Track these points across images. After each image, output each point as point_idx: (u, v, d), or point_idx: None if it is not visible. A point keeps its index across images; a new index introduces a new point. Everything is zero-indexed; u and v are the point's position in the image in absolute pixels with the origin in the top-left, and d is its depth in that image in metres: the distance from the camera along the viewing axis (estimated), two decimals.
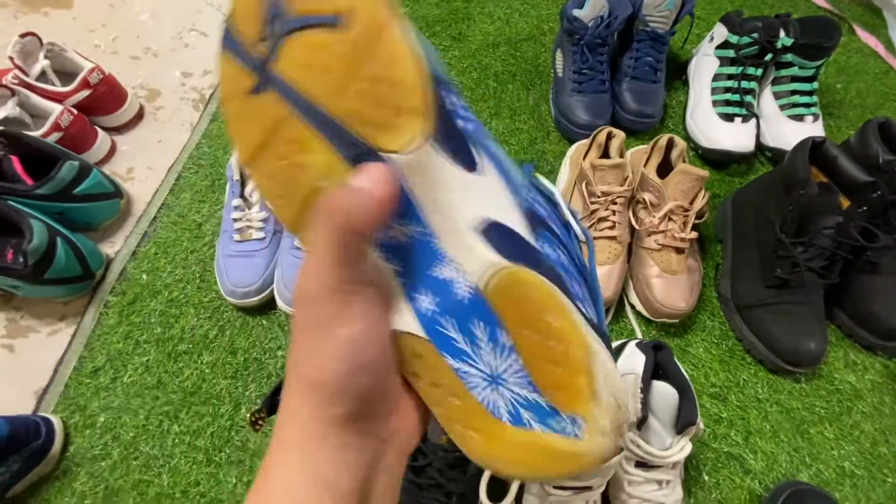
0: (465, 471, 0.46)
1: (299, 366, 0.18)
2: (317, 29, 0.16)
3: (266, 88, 0.18)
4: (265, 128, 0.18)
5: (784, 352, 0.60)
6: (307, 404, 0.18)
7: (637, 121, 0.77)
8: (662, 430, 0.50)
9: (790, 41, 0.72)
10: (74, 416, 0.57)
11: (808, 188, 0.56)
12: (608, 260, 0.62)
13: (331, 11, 0.16)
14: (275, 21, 0.17)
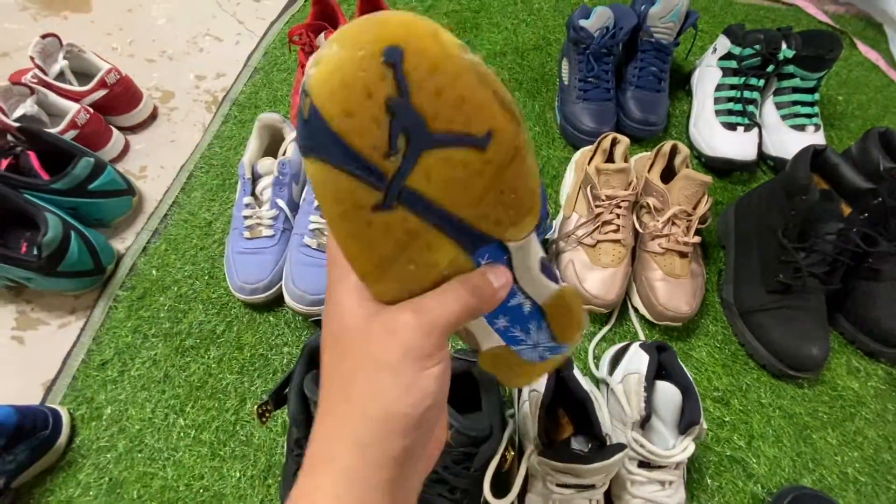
0: (470, 467, 0.47)
1: (371, 395, 0.19)
2: (460, 147, 0.17)
3: (396, 203, 0.18)
4: (396, 241, 0.18)
5: (786, 356, 0.60)
6: (372, 433, 0.19)
7: (641, 128, 0.79)
8: (665, 430, 0.50)
9: (792, 53, 0.73)
10: (81, 407, 0.57)
11: (810, 194, 0.57)
12: (612, 263, 0.63)
13: (477, 132, 0.16)
14: (409, 136, 0.16)
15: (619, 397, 0.52)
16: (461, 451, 0.46)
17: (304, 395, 0.46)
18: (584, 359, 0.63)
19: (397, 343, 0.19)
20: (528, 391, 0.53)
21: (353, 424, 0.19)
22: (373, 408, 0.19)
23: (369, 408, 0.19)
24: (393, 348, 0.19)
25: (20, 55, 0.85)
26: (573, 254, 0.65)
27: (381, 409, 0.19)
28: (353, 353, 0.20)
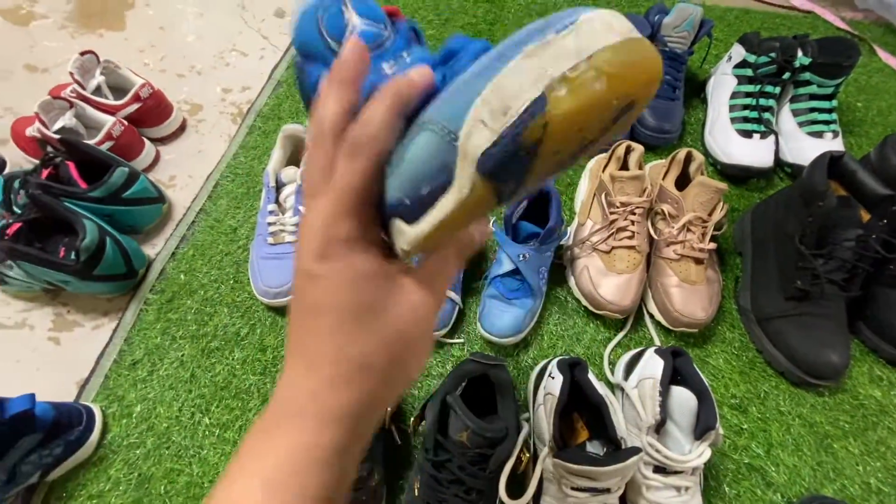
0: (486, 468, 0.47)
1: (346, 348, 0.20)
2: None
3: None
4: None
5: (805, 363, 0.59)
6: (350, 385, 0.20)
7: (656, 136, 0.79)
8: (681, 435, 0.50)
9: (808, 60, 0.73)
10: (112, 405, 0.60)
11: (827, 200, 0.57)
12: (627, 269, 0.64)
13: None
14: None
15: (635, 402, 0.52)
16: (477, 453, 0.47)
17: None
18: (599, 364, 0.63)
19: (315, 241, 0.20)
20: (543, 394, 0.54)
21: (314, 370, 0.21)
22: (326, 359, 0.21)
23: (315, 355, 0.21)
24: (339, 293, 0.20)
25: (59, 71, 0.90)
26: (588, 260, 0.65)
27: (342, 360, 0.20)
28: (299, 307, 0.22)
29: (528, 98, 0.15)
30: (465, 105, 0.17)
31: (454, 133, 0.17)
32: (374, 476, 0.51)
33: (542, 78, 0.15)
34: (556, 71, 0.15)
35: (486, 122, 0.16)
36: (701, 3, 1.02)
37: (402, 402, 0.60)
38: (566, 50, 0.15)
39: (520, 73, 0.15)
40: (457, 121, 0.17)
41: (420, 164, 0.19)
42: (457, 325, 0.65)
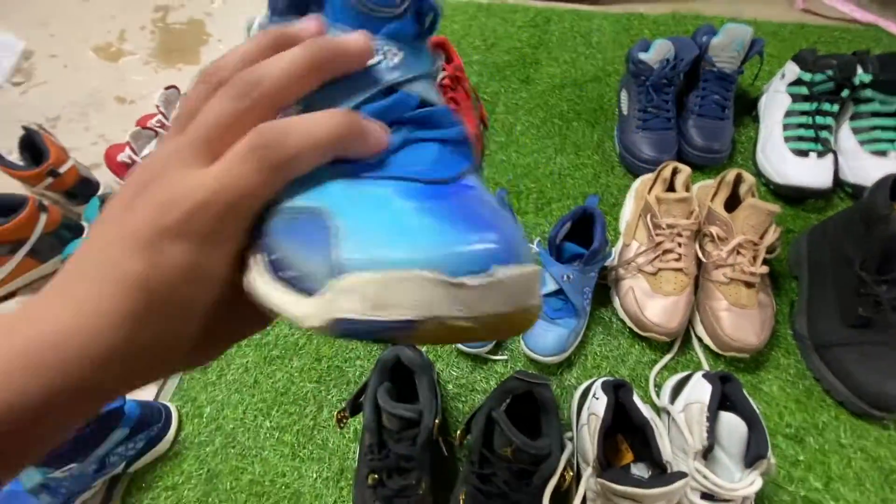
0: (529, 483, 0.49)
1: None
2: None
3: None
4: None
5: (868, 394, 0.57)
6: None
7: (704, 156, 0.79)
8: (731, 462, 0.50)
9: (869, 77, 0.71)
10: (186, 405, 0.66)
11: (890, 224, 0.55)
12: (674, 291, 0.64)
13: None
14: None
15: (681, 426, 0.52)
16: (521, 468, 0.49)
17: (377, 404, 0.51)
18: (644, 386, 0.63)
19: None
20: (587, 415, 0.55)
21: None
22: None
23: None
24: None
25: (145, 102, 1.01)
26: (633, 281, 0.66)
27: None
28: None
29: (403, 315, 0.14)
30: (368, 243, 0.14)
31: (341, 261, 0.14)
32: (421, 485, 0.53)
33: (425, 307, 0.14)
34: (442, 311, 0.14)
35: (360, 298, 0.14)
36: (752, 21, 1.01)
37: (447, 415, 0.62)
38: (461, 301, 0.14)
39: (415, 285, 0.14)
40: (349, 250, 0.14)
41: (300, 238, 0.16)
42: (500, 342, 0.67)
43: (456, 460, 0.60)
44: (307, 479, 0.59)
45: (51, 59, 1.09)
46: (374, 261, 0.14)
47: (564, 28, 1.03)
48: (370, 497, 0.53)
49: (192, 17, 1.17)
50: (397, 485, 0.52)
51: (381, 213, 0.15)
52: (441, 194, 0.16)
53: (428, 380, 0.54)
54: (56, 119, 0.99)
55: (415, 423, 0.51)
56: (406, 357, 0.55)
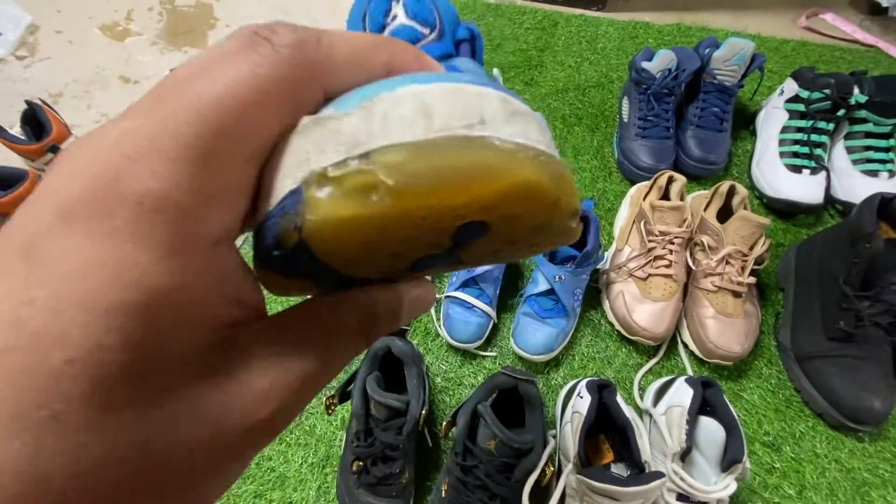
0: (510, 477, 0.50)
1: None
2: None
3: None
4: None
5: (845, 407, 0.58)
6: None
7: (700, 167, 0.80)
8: (707, 466, 0.51)
9: (864, 98, 0.72)
10: None
11: (874, 242, 0.56)
12: (662, 297, 0.65)
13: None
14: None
15: (662, 428, 0.53)
16: (503, 461, 0.50)
17: (366, 392, 0.52)
18: (628, 389, 0.64)
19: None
20: (571, 413, 0.56)
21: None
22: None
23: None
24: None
25: (149, 83, 1.01)
26: (623, 285, 0.67)
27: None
28: None
29: (286, 187, 0.11)
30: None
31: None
32: (405, 474, 0.54)
33: (301, 166, 0.11)
34: (317, 163, 0.10)
35: (262, 198, 0.11)
36: (755, 36, 1.02)
37: (434, 408, 0.63)
38: (337, 136, 0.10)
39: (293, 150, 0.11)
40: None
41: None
42: (490, 339, 0.68)
43: (440, 452, 0.61)
44: (293, 463, 0.60)
45: (56, 35, 1.09)
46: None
47: (571, 32, 1.04)
48: (354, 483, 0.54)
49: (201, 1, 1.17)
50: (381, 472, 0.53)
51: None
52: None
53: (417, 371, 0.55)
54: (59, 95, 0.99)
55: (402, 413, 0.52)
56: (397, 348, 0.55)
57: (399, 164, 0.10)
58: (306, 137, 0.11)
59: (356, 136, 0.10)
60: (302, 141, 0.11)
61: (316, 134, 0.11)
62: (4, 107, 0.93)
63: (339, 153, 0.10)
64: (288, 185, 0.11)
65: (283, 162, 0.11)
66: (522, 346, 0.64)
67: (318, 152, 0.10)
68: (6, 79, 1.01)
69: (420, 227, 0.10)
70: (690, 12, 1.08)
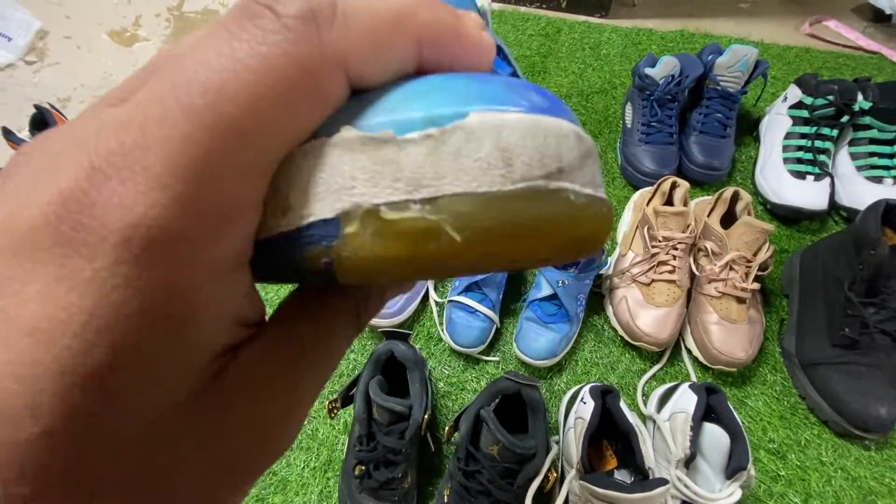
0: (513, 482, 0.50)
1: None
2: None
3: None
4: None
5: (851, 414, 0.58)
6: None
7: (704, 173, 0.80)
8: (711, 473, 0.51)
9: (868, 105, 0.72)
10: None
11: (879, 249, 0.56)
12: (666, 303, 0.65)
13: None
14: None
15: (665, 435, 0.53)
16: (506, 467, 0.50)
17: (368, 397, 0.52)
18: (632, 394, 0.64)
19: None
20: (574, 418, 0.56)
21: None
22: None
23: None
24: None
25: None
26: (627, 290, 0.67)
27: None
28: None
29: (316, 212, 0.09)
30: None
31: None
32: (407, 478, 0.54)
33: (342, 193, 0.09)
34: (366, 196, 0.09)
35: (272, 207, 0.10)
36: (758, 43, 1.02)
37: (437, 412, 0.63)
38: (395, 167, 0.09)
39: (327, 166, 0.09)
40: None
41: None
42: (493, 344, 0.68)
43: (443, 457, 0.61)
44: (295, 467, 0.60)
45: (65, 41, 1.11)
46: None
47: (574, 39, 1.05)
48: (356, 488, 0.54)
49: (208, 7, 1.19)
50: (383, 477, 0.53)
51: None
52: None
53: (420, 375, 0.55)
54: (67, 100, 1.00)
55: (404, 417, 0.52)
56: (399, 352, 0.56)
57: (471, 217, 0.09)
58: (349, 156, 0.09)
59: (422, 173, 0.09)
60: (342, 159, 0.09)
61: (364, 156, 0.09)
62: (14, 111, 0.95)
63: (398, 191, 0.09)
64: (319, 210, 0.09)
65: (312, 177, 0.09)
66: (525, 351, 0.64)
67: (368, 182, 0.09)
68: (16, 83, 1.02)
69: (467, 266, 0.09)
70: (694, 19, 1.09)
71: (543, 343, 0.63)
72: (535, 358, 0.63)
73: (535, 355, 0.63)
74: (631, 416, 0.54)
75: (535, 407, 0.53)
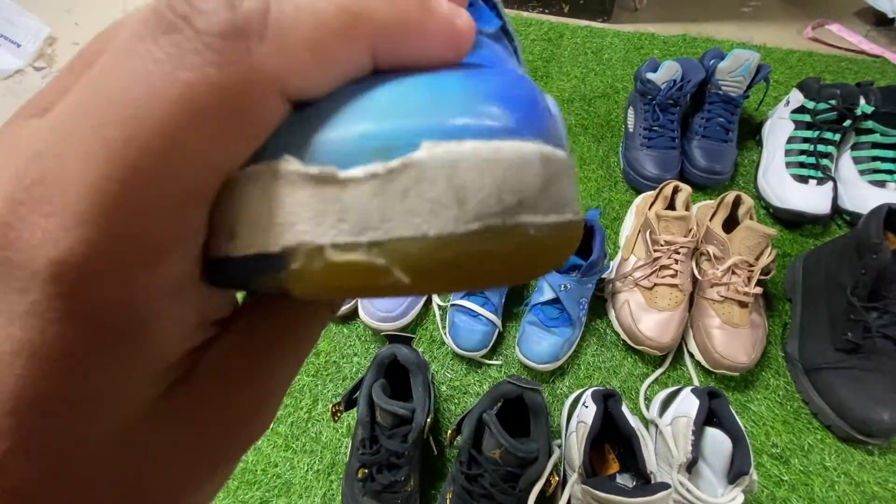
0: (515, 486, 0.50)
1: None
2: None
3: None
4: None
5: (854, 419, 0.58)
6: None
7: (706, 177, 0.80)
8: (714, 477, 0.51)
9: (871, 109, 0.72)
10: None
11: (881, 253, 0.56)
12: (668, 306, 0.65)
13: None
14: None
15: (667, 439, 0.53)
16: (508, 471, 0.50)
17: (371, 400, 0.52)
18: (634, 398, 0.64)
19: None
20: (576, 422, 0.56)
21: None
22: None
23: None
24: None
25: None
26: (629, 294, 0.67)
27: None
28: None
29: (258, 244, 0.09)
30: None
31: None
32: (410, 482, 0.54)
33: (285, 230, 0.08)
34: (310, 234, 0.08)
35: (216, 230, 0.09)
36: (761, 47, 1.03)
37: (439, 416, 0.64)
38: (339, 206, 0.08)
39: (267, 198, 0.09)
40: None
41: None
42: (496, 347, 0.68)
43: (445, 460, 0.61)
44: (298, 470, 0.61)
45: (74, 47, 1.12)
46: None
47: (577, 44, 1.05)
48: (359, 491, 0.54)
49: None
50: (386, 480, 0.53)
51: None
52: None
53: (422, 379, 0.56)
54: None
55: (407, 421, 0.52)
56: (402, 356, 0.56)
57: (420, 260, 0.08)
58: (290, 190, 0.08)
59: (367, 215, 0.08)
60: (283, 192, 0.08)
61: (306, 193, 0.08)
62: None
63: (343, 233, 0.08)
64: (262, 243, 0.09)
65: (255, 208, 0.09)
66: (528, 355, 0.64)
67: (311, 221, 0.08)
68: (25, 89, 1.03)
69: (422, 293, 0.09)
70: (696, 23, 1.09)
71: (546, 347, 0.64)
72: (537, 362, 0.64)
73: (538, 359, 0.64)
74: (633, 421, 0.54)
75: (538, 411, 0.54)
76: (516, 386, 0.54)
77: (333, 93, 0.09)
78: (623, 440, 0.53)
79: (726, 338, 0.62)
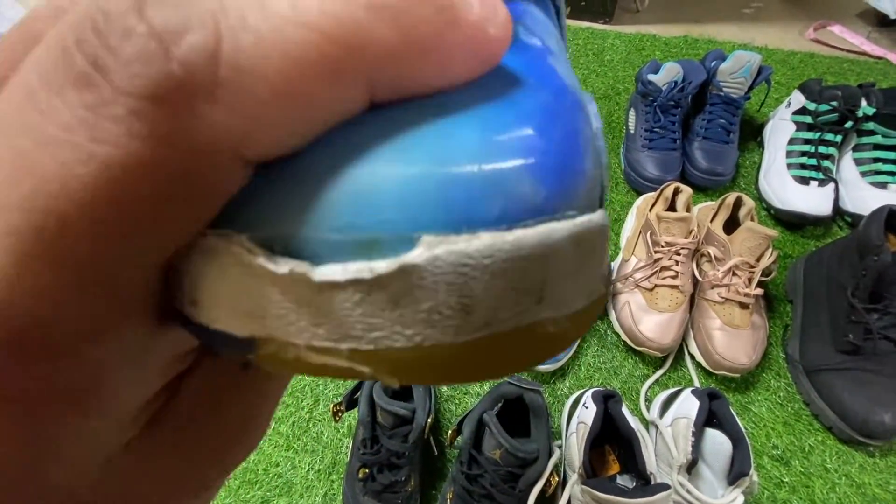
0: (515, 486, 0.50)
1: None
2: None
3: None
4: None
5: (856, 421, 0.58)
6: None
7: (707, 178, 0.80)
8: (714, 478, 0.51)
9: (872, 110, 0.72)
10: None
11: (882, 255, 0.56)
12: (669, 308, 0.65)
13: None
14: None
15: (668, 440, 0.53)
16: (508, 471, 0.50)
17: (372, 400, 0.53)
18: (635, 399, 0.64)
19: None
20: (576, 423, 0.56)
21: None
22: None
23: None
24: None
25: None
26: (630, 296, 0.67)
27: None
28: None
29: (222, 323, 0.07)
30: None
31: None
32: (410, 482, 0.54)
33: (252, 318, 0.07)
34: (281, 331, 0.07)
35: (174, 284, 0.08)
36: (762, 48, 1.03)
37: (440, 416, 0.64)
38: (317, 311, 0.07)
39: (232, 281, 0.07)
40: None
41: None
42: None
43: (446, 460, 0.61)
44: (300, 470, 0.61)
45: None
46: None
47: (578, 45, 1.05)
48: (360, 490, 0.55)
49: None
50: (387, 480, 0.53)
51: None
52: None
53: None
54: None
55: (408, 421, 0.53)
56: None
57: (409, 365, 0.07)
58: (256, 282, 0.07)
59: (348, 325, 0.07)
60: (246, 281, 0.07)
61: (275, 290, 0.07)
62: None
63: (319, 338, 0.07)
64: (228, 324, 0.07)
65: (217, 284, 0.07)
66: None
67: (282, 319, 0.07)
68: None
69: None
70: (697, 25, 1.09)
71: None
72: None
73: None
74: (633, 421, 0.54)
75: (538, 411, 0.54)
76: (517, 386, 0.54)
77: (311, 143, 0.07)
78: (623, 441, 0.53)
79: (727, 339, 0.62)
